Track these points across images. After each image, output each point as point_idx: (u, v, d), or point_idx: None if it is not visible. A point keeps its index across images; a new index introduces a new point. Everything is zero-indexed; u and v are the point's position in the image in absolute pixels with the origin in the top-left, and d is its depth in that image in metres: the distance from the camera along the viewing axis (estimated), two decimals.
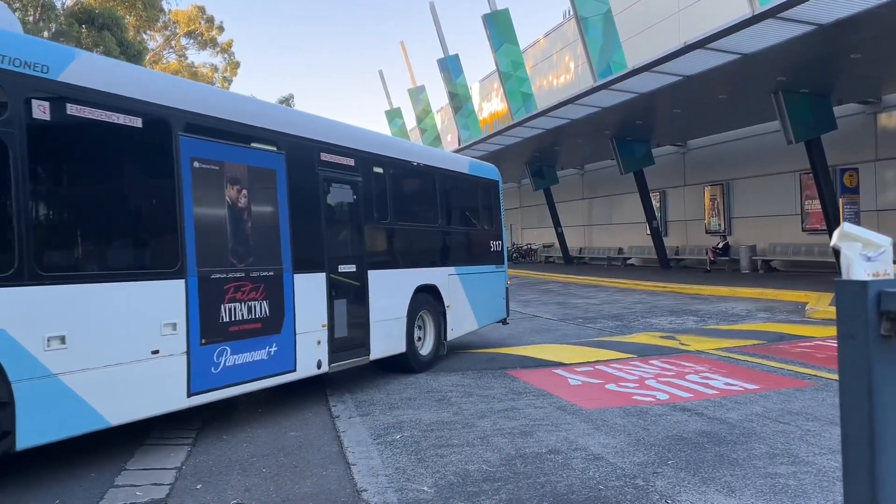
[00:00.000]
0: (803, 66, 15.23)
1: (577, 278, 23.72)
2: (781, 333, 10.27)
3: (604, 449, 5.12)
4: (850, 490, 1.17)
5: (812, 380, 7.12)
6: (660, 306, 14.97)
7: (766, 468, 4.56)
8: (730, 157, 22.96)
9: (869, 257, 1.12)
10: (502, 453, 5.14)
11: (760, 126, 20.71)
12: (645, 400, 6.58)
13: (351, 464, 5.10)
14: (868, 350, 1.11)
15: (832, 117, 17.00)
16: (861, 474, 1.12)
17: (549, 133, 23.48)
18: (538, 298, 18.38)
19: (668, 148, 25.63)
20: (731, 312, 13.31)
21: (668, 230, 26.66)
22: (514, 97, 30.98)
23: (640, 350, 9.37)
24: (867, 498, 1.11)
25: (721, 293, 16.48)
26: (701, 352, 9.08)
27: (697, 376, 7.52)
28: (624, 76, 16.58)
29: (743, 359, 8.43)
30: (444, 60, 38.29)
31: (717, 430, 5.49)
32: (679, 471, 4.59)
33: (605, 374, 7.91)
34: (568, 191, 33.19)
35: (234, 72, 52.06)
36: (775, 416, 5.79)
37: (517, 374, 8.22)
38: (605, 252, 30.37)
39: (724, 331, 10.90)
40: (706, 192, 24.34)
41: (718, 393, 6.73)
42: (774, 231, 21.29)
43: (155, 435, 6.36)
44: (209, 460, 5.44)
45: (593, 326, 12.50)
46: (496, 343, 11.05)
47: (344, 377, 8.60)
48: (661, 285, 18.83)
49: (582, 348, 9.82)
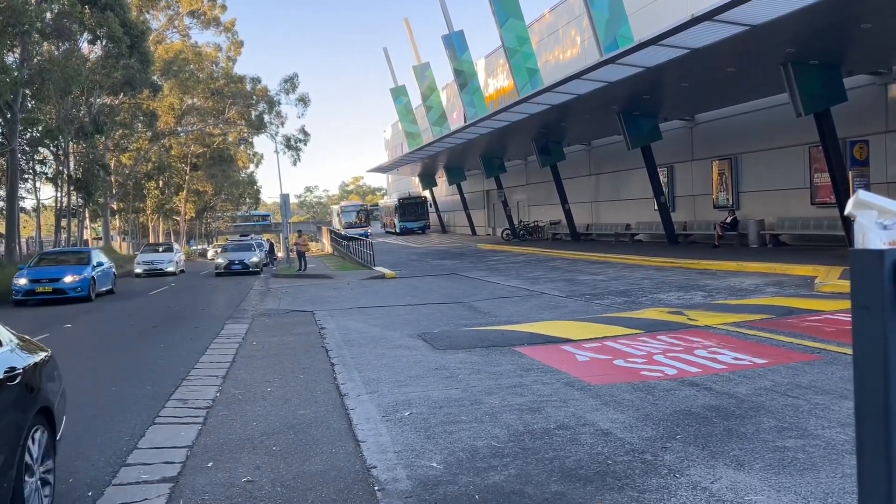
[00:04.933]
0: (813, 36, 14.99)
1: (585, 255, 23.66)
2: (790, 308, 10.22)
3: (612, 424, 5.13)
4: (864, 464, 1.14)
5: (821, 353, 7.09)
6: (668, 282, 14.93)
7: (774, 442, 4.56)
8: (738, 131, 22.73)
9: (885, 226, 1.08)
10: (510, 429, 5.15)
11: (769, 99, 20.45)
12: (653, 375, 6.57)
13: (360, 441, 5.13)
14: (884, 321, 1.09)
15: (842, 89, 16.77)
16: (876, 448, 1.09)
17: (555, 109, 23.27)
18: (546, 275, 18.37)
19: (676, 122, 25.38)
20: (740, 287, 13.26)
21: (676, 205, 26.50)
22: (519, 73, 30.70)
23: (648, 326, 9.35)
24: (883, 471, 1.09)
25: (729, 268, 16.41)
26: (709, 327, 9.05)
27: (705, 351, 7.50)
28: (630, 50, 16.37)
29: (751, 333, 8.40)
30: (449, 37, 37.93)
31: (725, 404, 5.49)
32: (687, 445, 4.59)
33: (612, 350, 7.89)
34: (575, 167, 32.99)
35: (237, 51, 51.79)
36: (784, 390, 5.77)
37: (525, 350, 8.22)
38: (613, 228, 30.26)
39: (733, 306, 10.85)
40: (714, 166, 24.14)
41: (727, 367, 6.72)
42: (783, 205, 21.12)
43: (166, 414, 6.41)
44: (220, 439, 5.47)
45: (601, 303, 12.48)
46: (503, 320, 11.05)
47: (353, 353, 8.64)
48: (668, 261, 18.76)
49: (589, 324, 9.80)
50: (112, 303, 19.03)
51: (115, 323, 14.25)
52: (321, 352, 9.22)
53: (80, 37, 30.36)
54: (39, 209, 33.55)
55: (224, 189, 65.07)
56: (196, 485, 4.46)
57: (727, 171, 23.57)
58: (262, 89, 50.68)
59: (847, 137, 17.42)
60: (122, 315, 15.68)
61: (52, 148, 31.06)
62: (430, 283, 18.98)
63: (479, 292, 15.55)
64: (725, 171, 23.68)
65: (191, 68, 46.43)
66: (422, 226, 54.26)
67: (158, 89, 38.32)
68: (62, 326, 13.73)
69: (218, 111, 49.11)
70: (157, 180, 51.19)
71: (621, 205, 30.42)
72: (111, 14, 28.47)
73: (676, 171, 26.57)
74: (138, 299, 19.80)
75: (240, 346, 10.22)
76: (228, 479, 4.52)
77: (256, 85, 50.80)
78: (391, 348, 9.04)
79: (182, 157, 55.26)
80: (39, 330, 13.03)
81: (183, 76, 44.62)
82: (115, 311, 16.60)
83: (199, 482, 4.50)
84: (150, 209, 55.98)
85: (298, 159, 51.65)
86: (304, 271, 27.12)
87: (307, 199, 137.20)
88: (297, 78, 50.72)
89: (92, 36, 30.20)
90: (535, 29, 34.87)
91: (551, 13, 34.36)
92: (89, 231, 50.04)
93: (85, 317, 15.57)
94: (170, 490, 4.39)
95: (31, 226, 50.82)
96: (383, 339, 9.91)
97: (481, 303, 13.63)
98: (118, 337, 12.08)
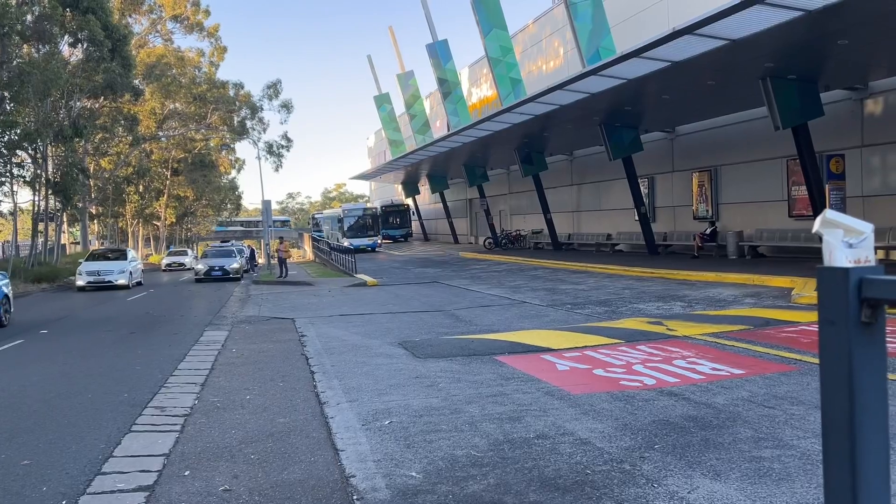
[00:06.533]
0: (791, 52, 15.24)
1: (566, 264, 23.76)
2: (767, 319, 10.33)
3: (591, 434, 5.16)
4: (830, 474, 1.17)
5: (797, 364, 7.18)
6: (648, 292, 15.04)
7: (751, 452, 4.61)
8: (718, 144, 23.02)
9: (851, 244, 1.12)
10: (490, 438, 5.16)
11: (748, 112, 20.74)
12: (632, 385, 6.61)
13: (339, 450, 5.11)
14: (848, 336, 1.12)
15: (819, 103, 17.06)
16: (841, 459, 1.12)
17: (538, 119, 23.42)
18: (527, 284, 18.42)
19: (657, 134, 25.65)
20: (719, 298, 13.39)
21: (656, 216, 26.74)
22: (503, 83, 30.86)
23: (627, 335, 9.40)
24: (847, 481, 1.12)
25: (708, 279, 16.56)
26: (688, 337, 9.12)
27: (684, 361, 7.56)
28: (612, 62, 16.53)
29: (729, 344, 8.48)
30: (433, 46, 38.06)
31: (703, 414, 5.54)
32: (665, 455, 4.63)
33: (592, 360, 7.93)
34: (557, 177, 33.20)
35: (220, 56, 51.62)
36: (761, 401, 5.84)
37: (505, 359, 8.23)
38: (594, 238, 30.44)
39: (711, 316, 10.95)
40: (694, 178, 24.41)
41: (705, 378, 6.78)
42: (761, 217, 21.40)
43: (143, 421, 6.35)
44: (197, 447, 5.43)
45: (581, 312, 12.54)
46: (485, 329, 11.06)
47: (334, 361, 8.60)
48: (648, 271, 18.90)
49: (570, 334, 9.83)
50: (88, 308, 18.79)
51: (91, 329, 14.07)
52: (301, 360, 9.17)
53: (60, 39, 30.10)
54: (16, 213, 33.14)
55: (205, 194, 64.69)
56: (172, 494, 4.42)
57: (707, 182, 23.85)
58: (245, 95, 50.53)
59: (824, 151, 17.69)
60: (98, 321, 15.49)
61: (30, 151, 30.69)
62: (412, 291, 18.97)
63: (461, 301, 15.55)
64: (705, 183, 23.95)
65: (173, 73, 46.20)
66: (404, 234, 54.19)
67: (140, 93, 38.07)
68: (38, 332, 13.54)
69: (200, 116, 48.86)
70: (137, 185, 50.77)
71: (602, 215, 30.64)
72: (93, 17, 28.26)
73: (657, 182, 26.83)
74: (114, 304, 19.58)
75: (219, 353, 10.13)
76: (205, 488, 4.49)
77: (239, 90, 50.66)
78: (372, 356, 9.01)
79: (163, 162, 54.86)
80: (13, 336, 12.85)
81: (165, 80, 44.38)
82: (92, 317, 16.39)
83: (175, 491, 4.46)
84: (129, 214, 55.47)
85: (280, 165, 51.67)
86: (285, 278, 26.98)
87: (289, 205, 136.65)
88: (281, 84, 50.54)
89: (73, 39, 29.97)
90: (519, 39, 35.11)
91: (535, 24, 34.62)
92: (67, 235, 49.44)
93: (59, 323, 15.37)
94: (145, 499, 4.35)
95: (7, 230, 50.10)
96: (364, 347, 9.87)
97: (463, 311, 13.64)
98: (94, 343, 11.93)
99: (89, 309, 18.63)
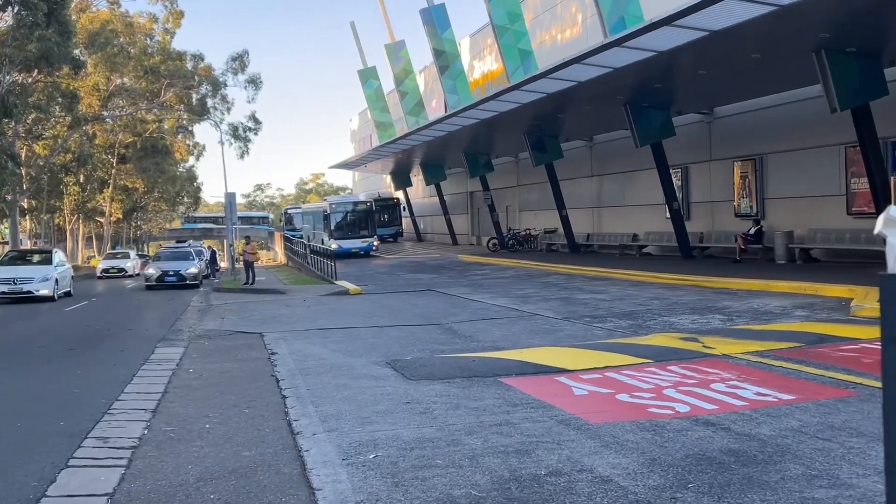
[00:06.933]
0: (850, 20, 15.27)
1: (584, 269, 23.77)
2: (822, 335, 10.33)
3: (613, 470, 5.15)
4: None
5: (857, 389, 7.18)
6: (680, 303, 15.06)
7: (802, 492, 4.60)
8: (763, 128, 23.06)
9: None
10: (494, 476, 5.15)
11: (799, 91, 20.78)
12: (662, 413, 6.62)
13: (315, 489, 5.10)
14: None
15: (883, 81, 17.09)
16: None
17: (551, 98, 23.44)
18: (538, 293, 18.42)
19: (692, 116, 25.69)
20: (764, 310, 13.41)
21: (691, 213, 26.78)
22: (510, 55, 30.90)
23: (656, 354, 9.41)
24: None
25: (752, 287, 16.59)
26: (728, 356, 9.13)
27: (724, 385, 7.57)
28: (640, 31, 16.56)
29: (777, 364, 8.49)
30: (429, 11, 38.10)
31: (745, 447, 5.54)
32: (701, 496, 4.62)
33: (615, 383, 7.94)
34: (574, 166, 33.23)
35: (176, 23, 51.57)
36: (813, 432, 5.84)
37: (512, 381, 8.24)
38: (618, 239, 30.48)
39: (756, 331, 10.96)
40: (736, 168, 24.45)
41: (748, 404, 6.79)
42: (815, 214, 21.43)
43: (83, 455, 6.33)
44: (146, 485, 5.41)
45: (602, 326, 12.55)
46: (488, 346, 11.07)
47: (309, 383, 8.60)
48: (682, 278, 18.92)
49: (589, 352, 9.84)
50: (16, 320, 18.74)
51: (21, 345, 14.03)
52: (271, 381, 9.16)
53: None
54: None
55: (158, 186, 64.61)
56: None
57: (751, 173, 23.88)
58: (206, 68, 50.51)
59: (889, 137, 17.74)
60: (29, 335, 15.44)
61: None
62: (403, 300, 18.94)
63: (460, 312, 15.55)
64: (749, 174, 23.99)
65: (120, 42, 46.13)
66: (393, 233, 54.24)
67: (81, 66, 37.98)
68: None
69: (152, 93, 48.81)
70: (78, 174, 50.66)
71: (627, 211, 30.68)
72: None
73: (692, 172, 26.87)
74: (49, 316, 19.52)
75: (174, 373, 10.11)
76: None
77: (199, 63, 50.63)
78: (354, 378, 9.00)
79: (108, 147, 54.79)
80: None
81: (111, 51, 44.31)
82: (21, 331, 16.33)
83: None
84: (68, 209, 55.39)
85: (247, 152, 51.19)
86: (252, 285, 26.96)
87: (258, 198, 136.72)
88: (248, 56, 50.49)
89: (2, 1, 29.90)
90: (530, 4, 35.18)
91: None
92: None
93: None
94: None
95: None
96: (345, 366, 9.87)
97: (462, 325, 13.64)
98: (23, 362, 11.89)
99: (17, 321, 18.57)
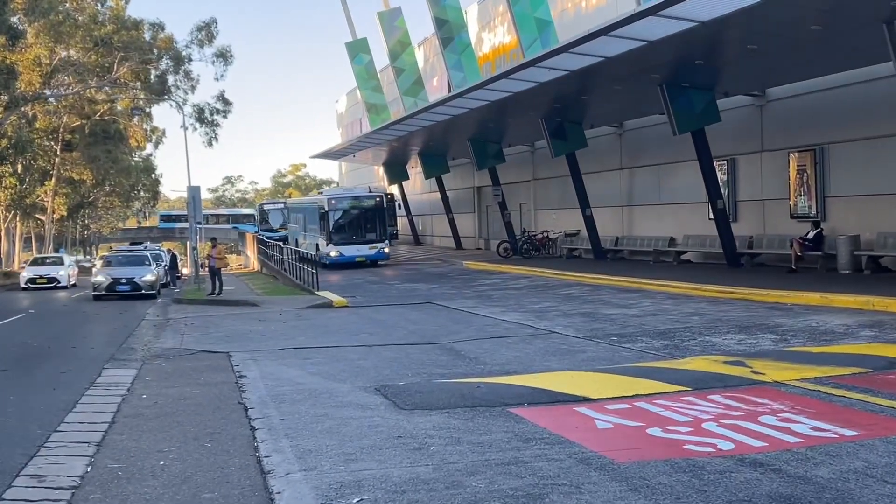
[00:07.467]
0: None
1: (612, 279, 23.75)
2: (893, 359, 10.31)
3: None
4: None
5: None
6: (725, 319, 15.03)
7: None
8: (825, 113, 23.04)
9: None
10: None
11: (868, 70, 20.77)
12: (702, 450, 6.60)
13: None
14: None
15: None
16: None
17: (574, 76, 23.45)
18: (557, 307, 18.40)
19: (741, 98, 25.68)
20: (825, 329, 13.37)
21: (739, 214, 26.75)
22: (525, 25, 30.94)
23: (696, 381, 9.38)
24: None
25: (811, 302, 16.56)
26: (780, 383, 9.10)
27: (775, 418, 7.54)
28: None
29: (839, 394, 8.46)
30: None
31: (800, 492, 5.52)
32: None
33: (646, 414, 7.92)
34: (600, 158, 33.24)
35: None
36: (881, 475, 5.82)
37: (524, 412, 8.22)
38: (651, 243, 30.45)
39: (814, 354, 10.93)
40: (792, 160, 24.43)
41: (803, 441, 6.75)
42: (886, 216, 21.40)
43: (13, 496, 6.31)
44: None
45: (632, 347, 12.53)
46: (496, 370, 11.05)
47: (284, 413, 8.58)
48: (727, 290, 18.89)
49: (615, 377, 9.83)
50: None
51: None
52: (238, 410, 9.16)
53: None
54: None
55: (110, 177, 64.68)
56: None
57: (810, 167, 23.85)
58: (167, 39, 50.61)
59: None
60: None
61: None
62: (396, 314, 18.93)
63: (464, 329, 15.56)
64: (807, 168, 23.96)
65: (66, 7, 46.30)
66: None
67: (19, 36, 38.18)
68: None
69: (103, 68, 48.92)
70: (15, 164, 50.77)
71: (663, 211, 30.66)
72: None
73: (740, 165, 26.85)
74: None
75: (124, 399, 10.12)
76: None
77: (158, 33, 50.74)
78: (337, 407, 9.00)
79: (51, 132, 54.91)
80: None
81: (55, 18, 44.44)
82: None
83: None
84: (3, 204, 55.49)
85: (215, 138, 51.24)
86: (219, 295, 26.97)
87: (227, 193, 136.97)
88: (216, 25, 50.46)
89: None
90: None
91: None
92: None
93: None
94: None
95: None
96: (327, 393, 9.87)
97: (466, 344, 13.63)
98: None
99: None
